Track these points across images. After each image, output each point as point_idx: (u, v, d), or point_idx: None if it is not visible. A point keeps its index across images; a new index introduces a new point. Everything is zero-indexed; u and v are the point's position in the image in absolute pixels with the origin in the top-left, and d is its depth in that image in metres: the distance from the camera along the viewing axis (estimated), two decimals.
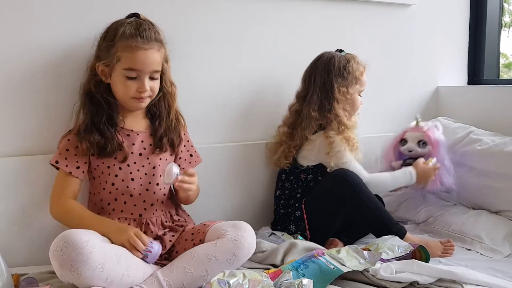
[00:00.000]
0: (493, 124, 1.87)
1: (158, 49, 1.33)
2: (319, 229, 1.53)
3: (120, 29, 1.30)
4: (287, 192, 1.62)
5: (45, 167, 1.39)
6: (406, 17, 2.02)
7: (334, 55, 1.62)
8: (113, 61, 1.29)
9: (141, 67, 1.30)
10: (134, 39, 1.29)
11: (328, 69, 1.59)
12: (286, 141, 1.62)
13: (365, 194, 1.49)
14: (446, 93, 2.11)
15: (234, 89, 1.71)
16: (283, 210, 1.61)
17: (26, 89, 1.42)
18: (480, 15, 2.16)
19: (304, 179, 1.61)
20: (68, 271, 1.08)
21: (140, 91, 1.31)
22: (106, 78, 1.33)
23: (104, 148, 1.32)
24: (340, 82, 1.59)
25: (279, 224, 1.61)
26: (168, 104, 1.42)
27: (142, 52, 1.29)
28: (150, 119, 1.42)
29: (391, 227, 1.47)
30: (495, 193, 1.67)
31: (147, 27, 1.32)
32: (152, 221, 1.37)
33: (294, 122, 1.62)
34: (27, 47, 1.41)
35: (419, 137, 1.74)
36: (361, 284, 1.21)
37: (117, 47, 1.29)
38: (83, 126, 1.34)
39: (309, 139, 1.57)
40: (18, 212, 1.42)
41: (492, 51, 2.17)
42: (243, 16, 1.70)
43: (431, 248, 1.42)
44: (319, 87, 1.59)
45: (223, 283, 1.04)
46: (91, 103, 1.35)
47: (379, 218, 1.49)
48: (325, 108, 1.58)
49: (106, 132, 1.33)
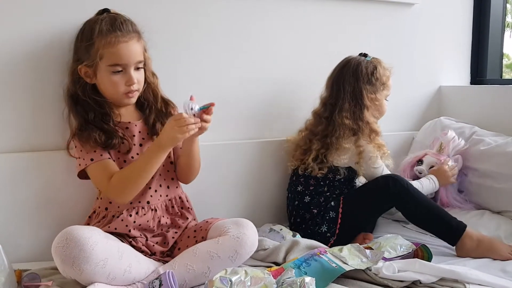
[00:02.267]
0: (495, 124, 1.86)
1: (138, 39, 1.33)
2: (352, 226, 1.55)
3: (96, 27, 1.29)
4: (312, 189, 1.61)
5: (48, 163, 1.39)
6: (409, 16, 2.02)
7: (361, 61, 1.62)
8: (96, 60, 1.28)
9: (126, 60, 1.29)
10: (113, 34, 1.28)
11: (356, 76, 1.60)
12: (312, 147, 1.61)
13: (419, 195, 1.51)
14: (448, 93, 2.11)
15: (251, 87, 1.72)
16: (316, 210, 1.59)
17: (23, 84, 1.41)
18: (484, 15, 2.15)
19: (332, 178, 1.61)
20: (70, 267, 1.09)
21: (129, 84, 1.31)
22: (91, 79, 1.33)
23: (109, 139, 1.31)
24: (369, 89, 1.61)
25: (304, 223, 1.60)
26: (153, 93, 1.43)
27: (123, 45, 1.28)
28: (140, 109, 1.42)
29: (450, 221, 1.46)
30: (497, 193, 1.67)
31: (122, 20, 1.31)
32: (158, 206, 1.36)
33: (325, 129, 1.61)
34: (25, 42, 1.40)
35: (433, 163, 1.75)
36: (364, 282, 1.21)
37: (97, 45, 1.28)
38: (78, 128, 1.33)
39: (343, 147, 1.57)
40: (21, 208, 1.41)
41: (495, 51, 2.17)
42: (251, 14, 1.71)
43: (499, 249, 1.41)
44: (349, 95, 1.59)
45: (225, 281, 1.04)
46: (78, 105, 1.34)
47: (438, 215, 1.48)
48: (356, 116, 1.58)
49: (105, 127, 1.32)
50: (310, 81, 1.71)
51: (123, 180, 1.28)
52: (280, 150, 1.73)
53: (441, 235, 1.48)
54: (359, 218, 1.56)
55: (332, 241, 1.53)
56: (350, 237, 1.54)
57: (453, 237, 1.45)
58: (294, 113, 1.75)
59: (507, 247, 1.43)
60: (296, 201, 1.63)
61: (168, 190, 1.40)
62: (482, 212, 1.69)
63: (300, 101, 1.74)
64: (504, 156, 1.67)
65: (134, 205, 1.33)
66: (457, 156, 1.77)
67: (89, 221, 1.36)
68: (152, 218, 1.34)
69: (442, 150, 1.77)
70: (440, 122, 1.98)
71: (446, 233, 1.47)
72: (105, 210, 1.34)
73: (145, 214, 1.33)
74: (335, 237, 1.54)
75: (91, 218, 1.36)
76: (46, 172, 1.42)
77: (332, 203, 1.57)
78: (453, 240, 1.45)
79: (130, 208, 1.32)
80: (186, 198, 1.46)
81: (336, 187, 1.61)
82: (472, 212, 1.70)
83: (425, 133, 1.98)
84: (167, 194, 1.40)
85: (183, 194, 1.45)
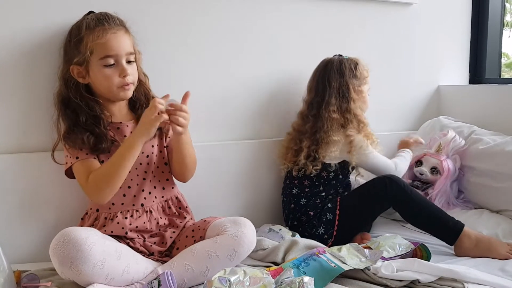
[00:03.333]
0: (494, 124, 1.86)
1: (125, 31, 1.33)
2: (350, 227, 1.55)
3: (82, 24, 1.30)
4: (307, 190, 1.62)
5: (47, 164, 1.39)
6: (408, 15, 2.02)
7: (342, 59, 1.66)
8: (86, 54, 1.27)
9: (116, 51, 1.29)
10: (100, 27, 1.28)
11: (341, 72, 1.63)
12: (303, 145, 1.62)
13: (416, 195, 1.51)
14: (447, 92, 2.11)
15: (249, 86, 1.73)
16: (312, 212, 1.59)
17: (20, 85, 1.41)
18: (482, 15, 2.15)
19: (326, 177, 1.62)
20: (68, 268, 1.09)
21: (123, 76, 1.30)
22: (84, 78, 1.32)
23: (98, 144, 1.30)
24: (354, 82, 1.64)
25: (301, 224, 1.60)
26: (145, 93, 1.42)
27: (112, 36, 1.28)
28: (132, 110, 1.42)
29: (448, 221, 1.46)
30: (496, 192, 1.67)
31: (107, 16, 1.32)
32: (153, 208, 1.36)
33: (313, 126, 1.62)
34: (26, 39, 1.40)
35: (434, 164, 1.76)
36: (362, 282, 1.21)
37: (86, 40, 1.28)
38: (66, 131, 1.32)
39: (333, 140, 1.58)
40: (20, 208, 1.41)
41: (494, 50, 2.17)
42: (251, 14, 1.71)
43: (498, 248, 1.41)
44: (335, 90, 1.62)
45: (224, 281, 1.04)
46: (68, 109, 1.33)
47: (436, 214, 1.48)
48: (343, 109, 1.61)
49: (95, 130, 1.30)
50: (307, 81, 1.71)
51: (99, 178, 1.26)
52: (277, 149, 1.72)
53: (439, 235, 1.48)
54: (356, 219, 1.56)
55: (330, 243, 1.53)
56: (347, 239, 1.53)
57: (451, 237, 1.45)
58: (292, 113, 1.75)
59: (505, 246, 1.42)
60: (292, 204, 1.63)
61: (163, 191, 1.40)
62: (481, 211, 1.69)
63: (298, 100, 1.74)
64: (503, 155, 1.66)
65: (128, 208, 1.33)
66: (454, 156, 1.78)
67: (82, 223, 1.36)
68: (148, 220, 1.34)
69: (441, 150, 1.78)
70: (439, 121, 1.98)
71: (444, 232, 1.47)
72: (96, 211, 1.34)
73: (140, 217, 1.33)
74: (332, 239, 1.54)
75: (84, 220, 1.36)
76: (45, 172, 1.42)
77: (329, 204, 1.57)
78: (451, 240, 1.45)
79: (124, 211, 1.32)
80: (183, 197, 1.45)
81: (332, 186, 1.61)
82: (471, 211, 1.70)
83: (424, 132, 1.98)
84: (163, 195, 1.40)
85: (179, 194, 1.45)
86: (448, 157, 1.76)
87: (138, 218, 1.33)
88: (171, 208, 1.40)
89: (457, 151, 1.78)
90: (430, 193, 1.73)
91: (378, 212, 1.58)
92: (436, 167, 1.75)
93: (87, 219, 1.35)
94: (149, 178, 1.37)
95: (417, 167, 1.80)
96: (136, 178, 1.35)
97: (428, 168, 1.77)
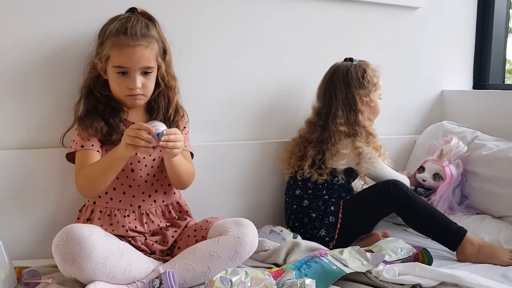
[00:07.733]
0: (497, 129, 1.86)
1: (147, 45, 1.30)
2: (352, 231, 1.55)
3: (109, 27, 1.30)
4: (311, 192, 1.61)
5: (49, 160, 1.39)
6: (412, 20, 2.02)
7: (349, 67, 1.62)
8: (104, 58, 1.30)
9: (129, 64, 1.29)
10: (119, 38, 1.27)
11: (347, 83, 1.60)
12: (308, 154, 1.60)
13: (419, 200, 1.51)
14: (451, 97, 2.11)
15: (252, 88, 1.73)
16: (314, 214, 1.59)
17: (30, 83, 1.42)
18: (487, 20, 2.16)
19: (330, 181, 1.60)
20: (70, 265, 1.09)
21: (131, 88, 1.30)
22: (104, 74, 1.34)
23: (109, 135, 1.31)
24: (362, 92, 1.62)
25: (303, 226, 1.60)
26: (168, 99, 1.41)
27: (128, 50, 1.27)
28: (148, 113, 1.41)
29: (450, 227, 1.46)
30: (499, 198, 1.67)
31: (134, 23, 1.29)
32: (151, 211, 1.36)
33: (320, 136, 1.60)
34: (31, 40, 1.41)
35: (436, 170, 1.75)
36: (364, 285, 1.21)
37: (106, 44, 1.29)
38: (83, 113, 1.34)
39: (341, 153, 1.57)
40: (21, 205, 1.41)
41: (498, 56, 2.17)
42: (254, 16, 1.71)
43: (500, 254, 1.41)
44: (342, 102, 1.60)
45: (226, 281, 1.04)
46: (92, 95, 1.35)
47: (438, 220, 1.47)
48: (351, 121, 1.59)
49: (110, 120, 1.32)
50: (312, 83, 1.71)
51: (86, 176, 1.27)
52: (281, 151, 1.72)
53: (442, 241, 1.48)
54: (358, 223, 1.56)
55: (331, 246, 1.52)
56: (349, 242, 1.53)
57: (454, 243, 1.45)
58: (295, 114, 1.75)
59: (508, 252, 1.42)
60: (294, 205, 1.63)
61: (164, 196, 1.40)
62: (483, 217, 1.68)
63: (302, 102, 1.74)
64: (506, 161, 1.66)
65: (125, 206, 1.34)
66: (457, 160, 1.77)
67: (79, 215, 1.37)
68: (145, 222, 1.34)
69: (443, 157, 1.77)
70: (442, 126, 1.98)
71: (447, 238, 1.46)
72: (93, 204, 1.35)
73: (135, 219, 1.33)
74: (334, 242, 1.53)
75: (81, 212, 1.37)
76: (47, 169, 1.42)
77: (332, 207, 1.56)
78: (454, 245, 1.45)
79: (121, 209, 1.33)
80: (184, 202, 1.45)
81: (335, 191, 1.61)
82: (473, 216, 1.70)
83: (427, 137, 1.98)
84: (163, 200, 1.40)
85: (181, 199, 1.45)
86: (451, 162, 1.76)
87: (134, 220, 1.33)
88: (171, 213, 1.41)
89: (459, 157, 1.78)
90: (432, 198, 1.73)
91: (381, 216, 1.58)
92: (438, 173, 1.75)
93: (85, 211, 1.36)
94: (152, 181, 1.38)
95: (419, 173, 1.80)
96: (138, 179, 1.36)
97: (431, 174, 1.77)
